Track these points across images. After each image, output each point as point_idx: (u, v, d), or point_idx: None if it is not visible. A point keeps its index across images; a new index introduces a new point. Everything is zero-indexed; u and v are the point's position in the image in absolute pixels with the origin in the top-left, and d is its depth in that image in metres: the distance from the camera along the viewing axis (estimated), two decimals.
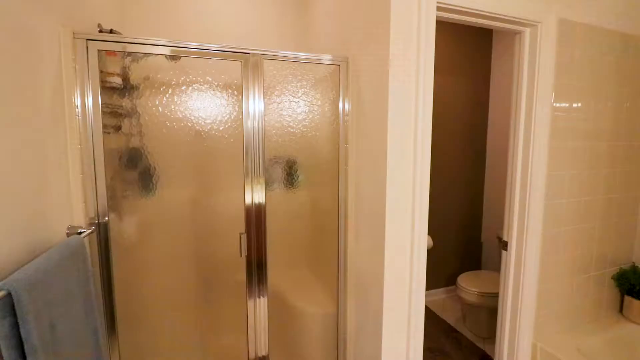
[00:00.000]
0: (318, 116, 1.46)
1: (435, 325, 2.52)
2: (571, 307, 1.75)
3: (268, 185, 1.40)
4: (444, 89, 2.77)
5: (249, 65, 1.32)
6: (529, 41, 1.49)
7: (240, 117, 1.32)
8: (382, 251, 1.27)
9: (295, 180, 1.47)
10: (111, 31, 1.43)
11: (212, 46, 1.26)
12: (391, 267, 1.28)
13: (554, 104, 1.53)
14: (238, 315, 1.41)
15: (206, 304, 1.41)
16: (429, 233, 2.79)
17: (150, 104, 1.23)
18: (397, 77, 1.20)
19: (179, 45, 1.23)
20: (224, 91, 1.31)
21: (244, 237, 1.34)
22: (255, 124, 1.33)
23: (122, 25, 1.79)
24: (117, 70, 1.21)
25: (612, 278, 1.86)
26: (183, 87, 1.26)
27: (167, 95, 1.24)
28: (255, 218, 1.36)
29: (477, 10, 1.31)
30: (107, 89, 1.19)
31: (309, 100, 1.43)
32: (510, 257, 1.61)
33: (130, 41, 1.17)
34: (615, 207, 1.80)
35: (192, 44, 1.24)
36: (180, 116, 1.26)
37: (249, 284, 1.38)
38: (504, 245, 1.64)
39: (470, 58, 2.86)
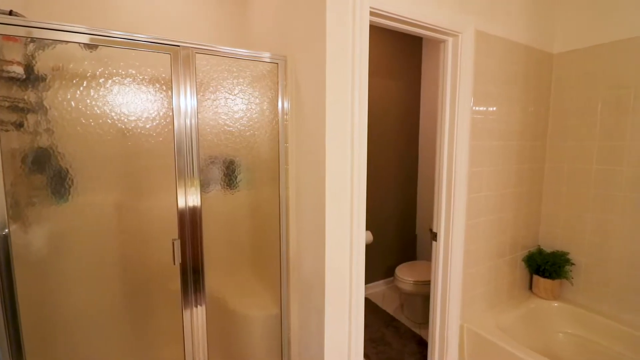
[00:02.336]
0: (256, 115, 1.42)
1: (376, 316, 2.64)
2: (491, 289, 1.96)
3: (204, 186, 1.33)
4: (380, 92, 2.91)
5: (179, 58, 1.23)
6: (452, 50, 1.62)
7: (170, 114, 1.23)
8: (323, 249, 1.29)
9: (234, 181, 1.42)
10: (10, 13, 1.23)
11: (139, 36, 1.16)
12: (332, 264, 1.30)
13: (473, 108, 1.70)
14: (173, 327, 1.31)
15: (136, 318, 1.29)
16: (369, 229, 2.91)
17: (60, 98, 1.08)
18: (333, 78, 1.22)
19: (100, 33, 1.10)
20: (151, 86, 1.20)
21: (178, 243, 1.25)
22: (188, 122, 1.25)
23: (27, 7, 1.55)
24: (18, 58, 1.04)
25: (522, 260, 2.13)
26: (101, 80, 1.13)
27: (81, 89, 1.10)
28: (190, 222, 1.28)
29: (406, 18, 1.39)
30: (4, 79, 1.02)
31: (246, 98, 1.39)
32: (439, 247, 1.75)
33: (40, 26, 1.02)
34: (524, 199, 2.06)
35: (116, 33, 1.12)
36: (98, 112, 1.13)
37: (184, 293, 1.30)
38: (434, 236, 1.78)
39: (403, 63, 3.04)
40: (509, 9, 1.79)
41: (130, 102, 1.17)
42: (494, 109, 1.81)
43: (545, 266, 2.05)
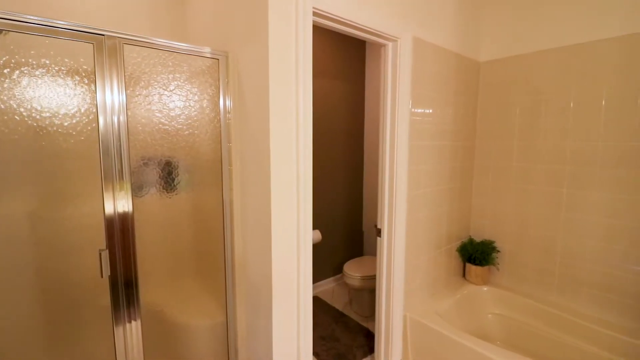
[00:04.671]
0: (195, 113, 1.34)
1: (326, 314, 2.67)
2: (430, 279, 2.10)
3: (137, 190, 1.22)
4: (326, 93, 2.95)
5: (103, 49, 1.11)
6: (392, 54, 1.70)
7: (94, 110, 1.10)
8: (269, 251, 1.26)
9: (172, 184, 1.32)
10: None
11: (58, 22, 1.02)
12: (279, 266, 1.28)
13: (412, 110, 1.80)
14: (103, 347, 1.19)
15: (59, 341, 1.14)
16: (318, 228, 2.94)
17: None
18: (277, 76, 1.20)
19: (9, 17, 0.95)
20: (69, 78, 1.07)
21: (106, 254, 1.13)
22: (115, 119, 1.13)
23: None
24: None
25: (456, 250, 2.31)
26: (6, 70, 0.97)
27: None
28: (121, 230, 1.16)
29: (348, 20, 1.42)
30: None
31: (184, 94, 1.30)
32: (383, 242, 1.83)
33: None
34: (457, 194, 2.24)
35: (30, 18, 0.98)
36: (3, 107, 0.97)
37: (115, 308, 1.18)
38: (379, 232, 1.85)
39: (349, 65, 3.12)
40: (442, 20, 1.92)
41: (43, 96, 1.03)
42: (431, 111, 1.93)
43: (476, 254, 2.25)
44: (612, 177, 1.77)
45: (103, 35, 1.11)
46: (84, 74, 1.09)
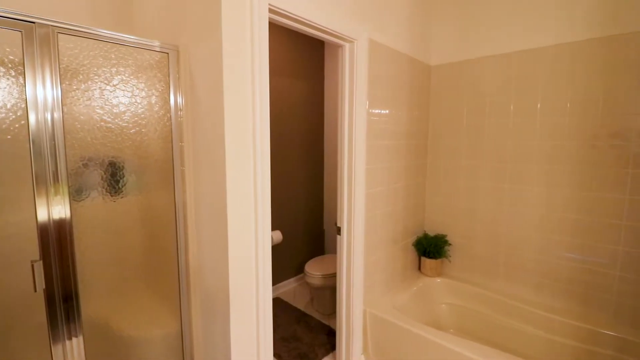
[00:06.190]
0: (143, 109, 1.25)
1: (287, 314, 2.66)
2: (388, 273, 2.17)
3: (76, 194, 1.11)
4: (285, 91, 2.92)
5: (34, 38, 1.00)
6: (349, 55, 1.72)
7: (23, 105, 0.99)
8: (225, 253, 1.22)
9: (117, 186, 1.23)
10: None
11: None
12: (236, 269, 1.25)
13: (369, 110, 1.84)
14: None
15: None
16: (279, 228, 2.91)
17: None
18: (232, 74, 1.16)
19: None
20: None
21: (39, 265, 1.01)
22: (49, 116, 1.02)
23: None
24: None
25: (412, 245, 2.42)
26: None
27: None
28: (57, 238, 1.05)
29: (305, 19, 1.41)
30: None
31: (129, 90, 1.21)
32: (343, 240, 1.85)
33: None
34: (411, 191, 2.34)
35: None
36: None
37: (52, 325, 1.06)
38: (338, 230, 1.88)
39: (308, 64, 3.12)
40: (396, 24, 1.99)
41: None
42: (387, 111, 1.99)
43: (430, 248, 2.37)
44: (546, 172, 1.96)
45: (34, 22, 1.00)
46: (10, 65, 0.97)
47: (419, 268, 2.51)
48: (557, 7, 1.86)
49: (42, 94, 1.01)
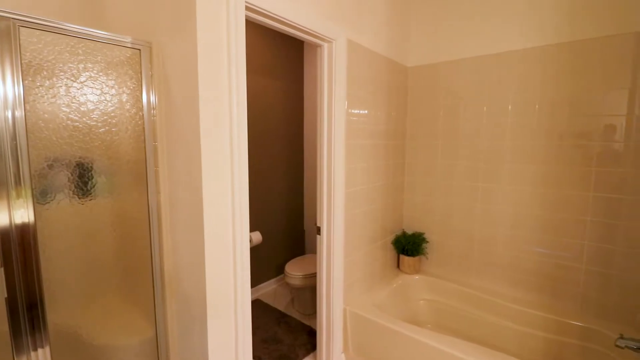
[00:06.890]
0: (113, 108, 1.20)
1: (267, 316, 2.63)
2: (367, 272, 2.19)
3: (41, 197, 1.05)
4: (264, 91, 2.89)
5: None
6: (327, 55, 1.73)
7: None
8: (202, 257, 1.19)
9: (86, 188, 1.17)
10: None
11: None
12: (214, 272, 1.22)
13: (348, 110, 1.85)
14: None
15: None
16: (259, 229, 2.88)
17: None
18: (207, 72, 1.14)
19: None
20: None
21: (0, 272, 0.95)
22: (9, 114, 0.96)
23: None
24: None
25: (391, 243, 2.45)
26: None
27: None
28: (20, 244, 0.99)
29: (282, 18, 1.40)
30: None
31: (98, 87, 1.16)
32: (323, 239, 1.86)
33: None
34: (390, 190, 2.37)
35: None
36: None
37: (15, 335, 1.00)
38: (318, 230, 1.88)
39: (287, 64, 3.10)
40: (374, 26, 2.01)
41: None
42: (366, 112, 2.01)
43: (408, 246, 2.41)
44: (516, 171, 2.04)
45: None
46: None
47: (398, 266, 2.55)
48: (527, 12, 1.94)
49: (2, 90, 0.95)
